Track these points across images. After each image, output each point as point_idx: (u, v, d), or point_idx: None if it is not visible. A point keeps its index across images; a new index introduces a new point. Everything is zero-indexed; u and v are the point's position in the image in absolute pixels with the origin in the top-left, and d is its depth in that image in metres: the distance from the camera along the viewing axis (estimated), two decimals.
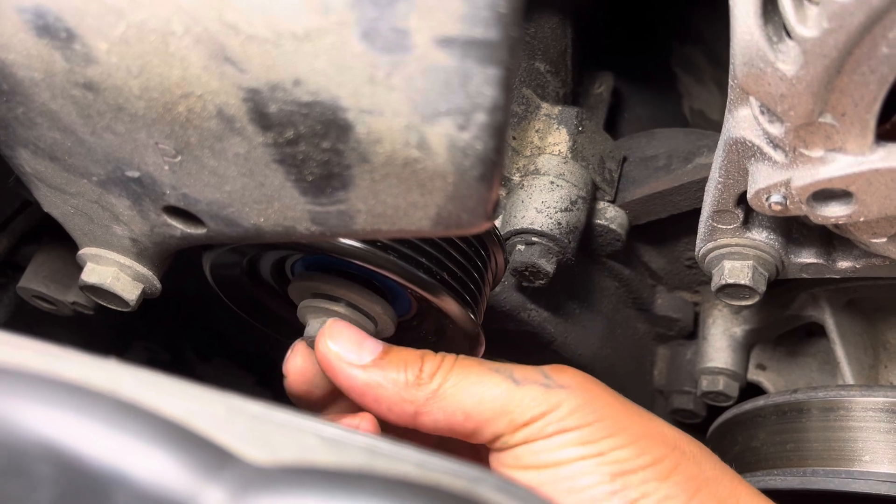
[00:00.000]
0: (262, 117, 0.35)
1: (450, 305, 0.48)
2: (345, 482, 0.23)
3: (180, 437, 0.23)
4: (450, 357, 0.48)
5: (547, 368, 0.48)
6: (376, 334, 0.52)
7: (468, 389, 0.46)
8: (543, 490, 0.44)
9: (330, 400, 0.53)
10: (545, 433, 0.44)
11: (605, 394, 0.47)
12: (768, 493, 0.61)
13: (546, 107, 0.71)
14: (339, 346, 0.47)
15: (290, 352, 0.52)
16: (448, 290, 0.48)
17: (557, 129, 0.70)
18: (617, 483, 0.43)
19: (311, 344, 0.52)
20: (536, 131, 0.70)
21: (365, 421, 0.51)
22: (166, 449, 0.22)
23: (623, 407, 0.47)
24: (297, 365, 0.52)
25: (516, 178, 0.69)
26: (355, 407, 0.53)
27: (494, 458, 0.47)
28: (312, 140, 0.35)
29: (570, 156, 0.69)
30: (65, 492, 0.22)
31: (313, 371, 0.51)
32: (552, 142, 0.69)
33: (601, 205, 0.72)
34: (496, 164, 0.34)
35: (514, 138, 0.70)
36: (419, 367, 0.47)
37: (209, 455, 0.22)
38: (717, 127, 0.90)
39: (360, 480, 0.23)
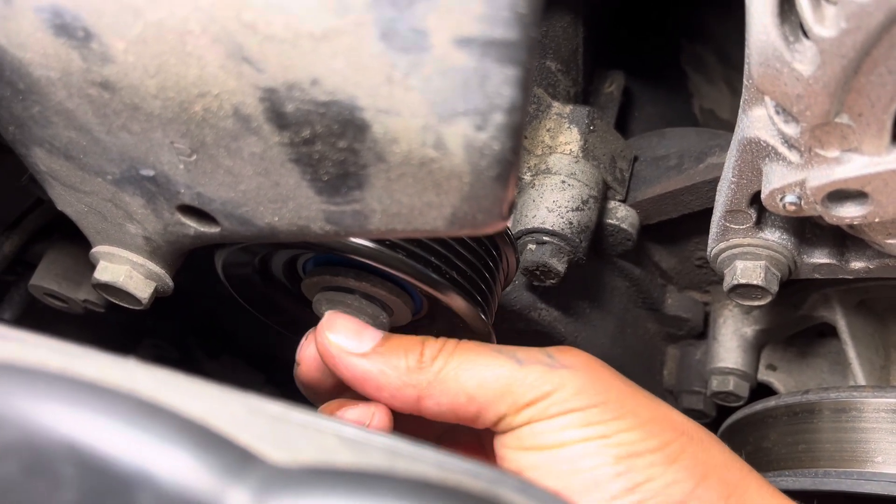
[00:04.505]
0: (278, 117, 0.35)
1: (459, 304, 0.48)
2: (366, 483, 0.23)
3: (203, 437, 0.23)
4: (451, 341, 0.47)
5: (551, 349, 0.47)
6: (392, 324, 0.52)
7: (470, 371, 0.45)
8: (544, 471, 0.44)
9: (337, 392, 0.53)
10: (548, 414, 0.44)
11: (611, 376, 0.47)
12: None
13: (557, 106, 0.71)
14: (338, 336, 0.47)
15: (304, 339, 0.52)
16: (458, 288, 0.47)
17: (569, 128, 0.70)
18: (622, 465, 0.42)
19: None
20: (548, 130, 0.70)
21: (380, 411, 0.51)
22: (190, 449, 0.22)
23: (629, 389, 0.46)
24: (311, 353, 0.51)
25: (527, 177, 0.69)
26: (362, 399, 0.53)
27: (497, 441, 0.47)
28: (329, 139, 0.35)
29: (581, 155, 0.68)
30: (88, 492, 0.22)
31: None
32: (563, 141, 0.69)
33: (612, 204, 0.72)
34: (513, 165, 0.34)
35: (525, 137, 0.69)
36: (420, 352, 0.46)
37: (232, 455, 0.22)
38: (727, 126, 0.90)
39: (381, 481, 0.23)
